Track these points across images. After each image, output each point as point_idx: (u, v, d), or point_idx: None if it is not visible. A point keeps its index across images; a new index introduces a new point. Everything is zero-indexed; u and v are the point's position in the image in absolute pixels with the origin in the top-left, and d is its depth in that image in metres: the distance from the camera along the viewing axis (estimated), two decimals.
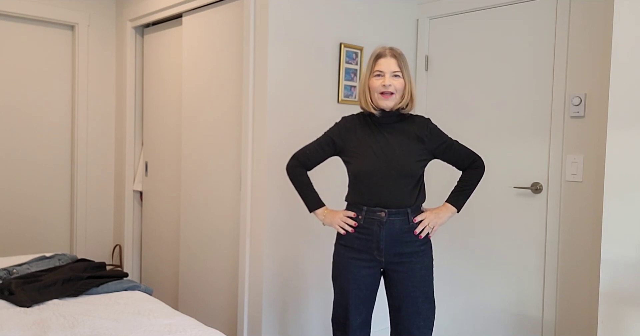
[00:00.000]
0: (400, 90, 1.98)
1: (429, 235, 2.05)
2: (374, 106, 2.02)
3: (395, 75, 1.98)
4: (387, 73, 1.97)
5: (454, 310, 3.08)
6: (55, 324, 1.76)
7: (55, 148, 3.66)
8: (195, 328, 1.78)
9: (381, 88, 1.97)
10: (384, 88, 1.96)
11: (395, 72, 1.97)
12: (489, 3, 2.89)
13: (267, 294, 2.63)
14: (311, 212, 2.15)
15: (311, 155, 2.12)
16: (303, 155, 2.14)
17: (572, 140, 2.60)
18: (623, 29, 1.96)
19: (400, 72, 1.98)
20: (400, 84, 1.98)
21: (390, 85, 1.96)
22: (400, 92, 1.98)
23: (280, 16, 2.57)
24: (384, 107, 1.99)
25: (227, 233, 2.85)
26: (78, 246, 3.70)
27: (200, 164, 3.04)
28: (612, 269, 1.99)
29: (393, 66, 1.97)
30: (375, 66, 2.00)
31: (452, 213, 2.08)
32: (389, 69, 1.97)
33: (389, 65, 1.98)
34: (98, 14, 3.73)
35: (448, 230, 3.10)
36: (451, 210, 2.08)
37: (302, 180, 2.14)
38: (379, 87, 1.97)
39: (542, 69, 2.71)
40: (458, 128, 3.05)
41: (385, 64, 1.98)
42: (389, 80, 1.96)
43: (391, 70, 1.97)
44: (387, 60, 1.99)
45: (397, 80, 1.98)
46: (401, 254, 2.01)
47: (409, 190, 2.00)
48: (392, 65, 1.98)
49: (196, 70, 3.06)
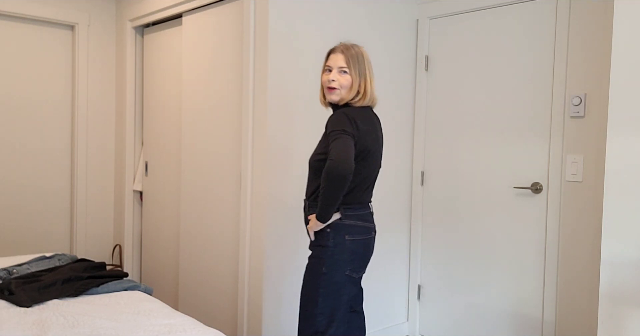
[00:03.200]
0: (346, 86, 1.98)
1: (317, 236, 2.01)
2: (326, 101, 2.07)
3: (343, 70, 1.98)
4: (335, 68, 2.00)
5: (454, 310, 3.08)
6: (55, 324, 1.76)
7: (56, 148, 3.66)
8: (195, 328, 1.78)
9: (327, 83, 2.00)
10: (328, 83, 2.00)
11: (341, 67, 1.98)
12: (488, 3, 2.89)
13: (267, 294, 2.63)
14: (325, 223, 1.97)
15: None
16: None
17: (572, 140, 2.60)
18: (623, 29, 1.96)
19: (348, 67, 1.98)
20: (347, 79, 1.98)
21: (334, 80, 1.98)
22: (347, 87, 1.98)
23: (280, 16, 2.57)
24: (330, 100, 2.03)
25: (228, 233, 2.85)
26: (78, 246, 3.70)
27: (200, 164, 3.04)
28: (612, 269, 1.98)
29: (340, 62, 1.99)
30: (326, 61, 2.05)
31: (315, 221, 1.95)
32: (336, 64, 2.00)
33: (336, 60, 2.00)
34: (98, 14, 3.73)
35: (448, 230, 3.10)
36: (314, 217, 1.96)
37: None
38: (325, 82, 2.02)
39: (542, 69, 2.71)
40: (458, 128, 3.05)
41: (334, 60, 2.01)
42: (334, 75, 1.99)
43: (338, 66, 1.99)
44: (335, 55, 2.01)
45: (344, 76, 1.98)
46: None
47: (310, 183, 2.06)
48: (339, 60, 1.99)
49: (196, 70, 3.05)
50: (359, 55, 2.00)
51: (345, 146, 1.82)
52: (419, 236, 3.24)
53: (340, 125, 1.88)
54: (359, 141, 1.91)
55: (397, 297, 3.24)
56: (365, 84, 1.99)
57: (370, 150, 1.98)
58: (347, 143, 1.83)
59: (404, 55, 3.17)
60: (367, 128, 1.96)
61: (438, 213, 3.15)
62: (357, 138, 1.90)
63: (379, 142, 2.05)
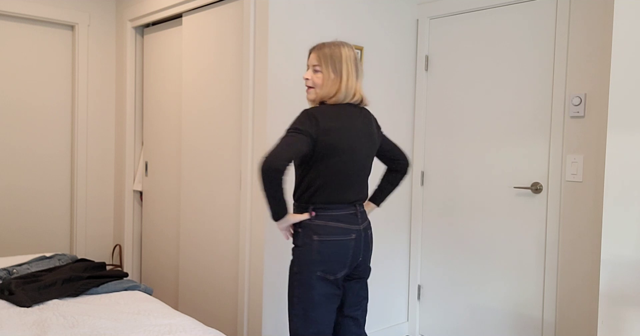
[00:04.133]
0: (319, 85, 1.97)
1: (293, 236, 2.02)
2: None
3: (315, 69, 1.98)
4: (310, 67, 2.00)
5: (454, 310, 3.08)
6: (55, 324, 1.76)
7: (56, 148, 3.66)
8: (195, 328, 1.78)
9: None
10: (305, 81, 2.02)
11: (314, 65, 1.98)
12: (489, 3, 2.89)
13: (267, 294, 2.63)
14: None
15: None
16: None
17: (572, 140, 2.60)
18: (623, 29, 1.96)
19: (319, 65, 1.96)
20: (319, 78, 1.96)
21: (307, 79, 1.99)
22: (319, 86, 1.97)
23: (280, 16, 2.57)
24: (307, 99, 2.04)
25: (228, 232, 2.85)
26: (78, 246, 3.70)
27: (200, 164, 3.04)
28: (612, 269, 1.98)
29: (313, 60, 1.98)
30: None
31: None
32: (311, 62, 2.00)
33: (311, 59, 2.00)
34: (98, 14, 3.73)
35: (448, 230, 3.10)
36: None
37: None
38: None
39: (542, 69, 2.71)
40: (458, 128, 3.05)
41: (310, 58, 2.01)
42: (308, 74, 1.99)
43: (312, 64, 1.99)
44: (311, 54, 2.01)
45: (316, 74, 1.97)
46: None
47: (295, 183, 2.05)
48: (313, 59, 1.99)
49: (196, 70, 3.06)
50: (334, 53, 1.95)
51: (283, 144, 1.82)
52: (419, 236, 3.24)
53: (294, 124, 1.89)
54: (320, 138, 1.88)
55: (397, 297, 3.24)
56: (341, 82, 1.94)
57: (338, 147, 1.91)
58: (289, 141, 1.82)
59: (404, 55, 3.17)
60: (334, 125, 1.90)
61: (438, 213, 3.15)
62: (316, 136, 1.87)
63: (359, 140, 1.97)
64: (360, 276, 2.09)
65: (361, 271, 2.08)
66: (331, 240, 1.92)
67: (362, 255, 2.02)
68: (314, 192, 1.93)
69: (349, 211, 1.98)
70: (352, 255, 1.97)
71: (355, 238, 1.97)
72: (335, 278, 1.96)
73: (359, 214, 2.01)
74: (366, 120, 2.02)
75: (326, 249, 1.92)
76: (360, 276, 2.09)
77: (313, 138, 1.86)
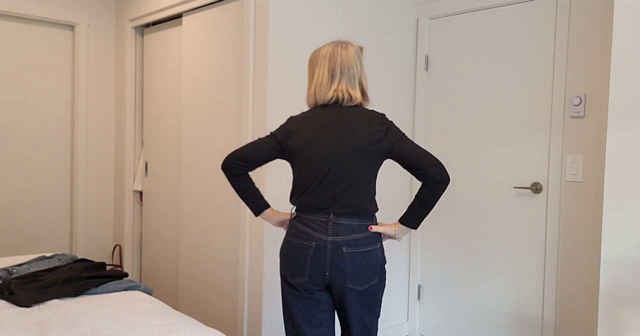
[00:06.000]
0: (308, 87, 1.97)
1: None
2: None
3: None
4: None
5: (454, 310, 3.08)
6: (55, 324, 1.76)
7: (55, 148, 3.66)
8: (195, 328, 1.78)
9: None
10: None
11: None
12: (489, 3, 2.89)
13: (267, 294, 2.63)
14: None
15: None
16: None
17: (572, 140, 2.60)
18: (623, 29, 1.96)
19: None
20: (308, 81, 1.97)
21: None
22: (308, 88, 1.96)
23: (280, 16, 2.57)
24: None
25: (228, 232, 2.85)
26: (78, 246, 3.70)
27: (201, 164, 3.04)
28: (612, 269, 1.99)
29: None
30: None
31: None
32: None
33: None
34: (98, 14, 3.73)
35: (448, 230, 3.10)
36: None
37: None
38: None
39: (542, 69, 2.71)
40: (458, 128, 3.05)
41: None
42: None
43: None
44: None
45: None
46: None
47: None
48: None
49: (196, 70, 3.06)
50: (313, 56, 1.93)
51: (246, 145, 1.91)
52: (419, 236, 3.24)
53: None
54: (285, 141, 1.88)
55: (397, 297, 3.24)
56: (311, 82, 1.91)
57: (298, 150, 1.83)
58: (253, 143, 1.91)
59: (404, 55, 3.17)
60: (296, 128, 1.85)
61: (438, 213, 3.15)
62: (281, 139, 1.89)
63: (323, 142, 1.81)
64: (340, 300, 1.88)
65: (337, 293, 1.85)
66: (292, 242, 1.88)
67: (329, 270, 1.81)
68: (293, 195, 1.94)
69: (320, 218, 1.83)
70: (311, 265, 1.83)
71: (315, 247, 1.81)
72: (294, 282, 1.88)
73: (332, 225, 1.81)
74: (351, 122, 1.82)
75: (286, 249, 1.90)
76: (340, 300, 1.87)
77: (278, 141, 1.89)
